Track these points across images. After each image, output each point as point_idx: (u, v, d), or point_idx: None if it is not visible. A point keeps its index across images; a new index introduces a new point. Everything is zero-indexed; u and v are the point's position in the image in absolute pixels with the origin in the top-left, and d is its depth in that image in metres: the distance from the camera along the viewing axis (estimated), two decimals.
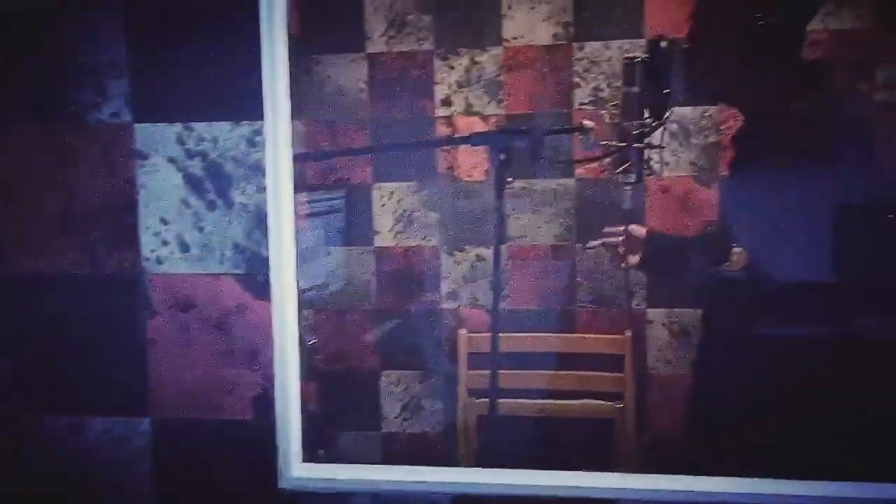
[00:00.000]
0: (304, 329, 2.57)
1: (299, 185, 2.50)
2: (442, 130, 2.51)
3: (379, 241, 2.58)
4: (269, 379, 1.15)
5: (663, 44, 1.67)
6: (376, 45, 2.51)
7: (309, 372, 2.59)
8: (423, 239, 2.56)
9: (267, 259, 1.13)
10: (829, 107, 1.78)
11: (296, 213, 1.15)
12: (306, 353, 2.58)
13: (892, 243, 1.96)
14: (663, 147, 1.71)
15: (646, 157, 1.71)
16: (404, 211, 2.56)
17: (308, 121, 2.55)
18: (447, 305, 2.57)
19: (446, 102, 2.50)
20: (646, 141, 1.68)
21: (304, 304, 2.56)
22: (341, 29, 2.52)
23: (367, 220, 2.57)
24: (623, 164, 1.71)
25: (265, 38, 1.10)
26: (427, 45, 2.49)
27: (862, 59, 2.27)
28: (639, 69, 1.68)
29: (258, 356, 1.14)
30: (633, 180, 1.70)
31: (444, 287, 2.57)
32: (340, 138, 2.54)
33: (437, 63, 2.49)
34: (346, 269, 2.60)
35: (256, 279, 1.14)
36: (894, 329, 2.43)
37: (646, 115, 1.70)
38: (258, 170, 1.11)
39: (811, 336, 1.62)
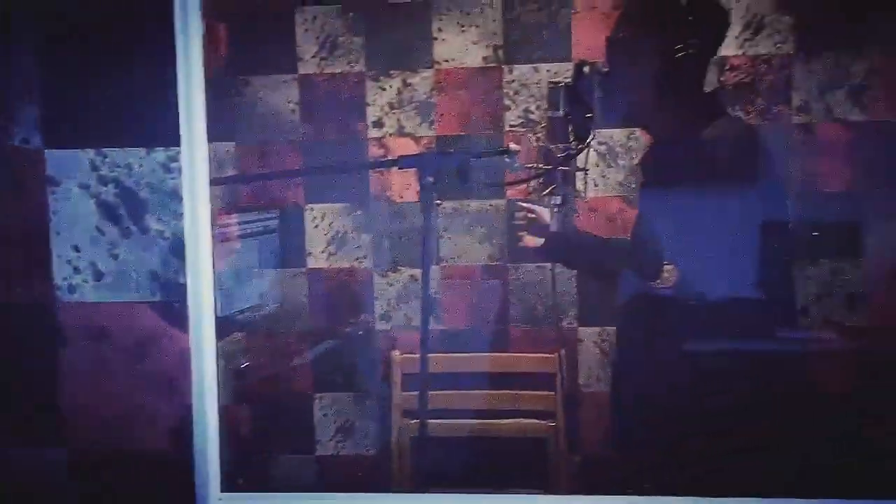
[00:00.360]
0: (237, 352, 2.54)
1: (231, 207, 2.49)
2: (374, 152, 2.51)
3: (312, 263, 2.56)
4: (186, 408, 1.13)
5: (586, 69, 1.70)
6: (308, 66, 2.51)
7: (240, 396, 2.56)
8: (356, 260, 2.55)
9: (184, 286, 1.11)
10: (747, 129, 1.84)
11: (225, 236, 1.14)
12: (237, 376, 2.55)
13: (813, 258, 2.02)
14: (587, 170, 1.73)
15: (572, 179, 1.73)
16: (337, 232, 2.55)
17: (239, 142, 2.53)
18: (381, 327, 2.56)
19: (378, 124, 2.51)
20: (571, 163, 1.71)
21: (236, 326, 2.54)
22: (272, 50, 2.51)
23: (300, 242, 2.55)
24: (549, 187, 1.73)
25: (181, 62, 1.09)
26: (359, 67, 2.50)
27: (779, 84, 2.35)
28: (563, 93, 1.71)
29: (176, 385, 1.12)
30: (559, 202, 1.73)
31: (378, 308, 2.56)
32: (272, 159, 2.53)
33: (369, 84, 2.50)
34: (279, 291, 2.57)
35: (173, 307, 1.12)
36: (813, 341, 2.50)
37: (570, 138, 1.73)
38: (174, 196, 1.10)
39: (736, 350, 1.65)
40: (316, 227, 2.56)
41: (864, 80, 2.32)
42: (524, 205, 1.83)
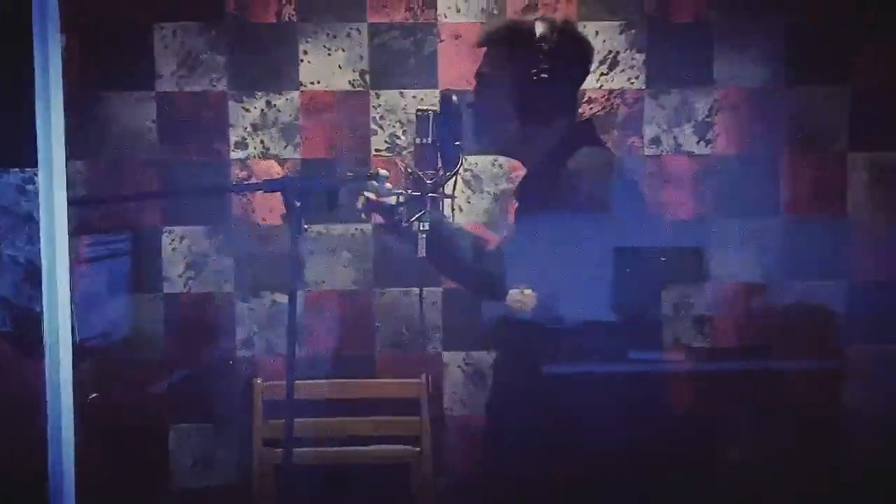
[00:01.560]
0: (85, 382, 2.40)
1: (81, 228, 2.36)
2: (237, 173, 2.45)
3: (168, 288, 2.46)
4: (40, 442, 1.06)
5: (454, 98, 1.73)
6: (167, 83, 2.42)
7: (89, 429, 2.42)
8: (216, 285, 2.47)
9: (39, 315, 1.04)
10: (604, 160, 1.92)
11: (77, 260, 1.08)
12: (85, 409, 2.41)
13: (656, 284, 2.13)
14: (455, 196, 1.76)
15: (440, 206, 1.75)
16: (196, 256, 2.47)
17: (91, 161, 2.40)
18: (242, 353, 2.49)
19: (241, 145, 2.45)
20: (439, 190, 1.73)
21: (85, 354, 2.40)
22: (129, 65, 2.41)
23: (156, 266, 2.45)
24: (417, 213, 1.74)
25: (39, 78, 1.03)
26: (221, 86, 2.44)
27: (632, 117, 2.48)
28: (431, 121, 1.73)
29: (30, 416, 1.05)
30: (427, 228, 1.74)
31: (239, 334, 2.49)
32: (127, 180, 2.42)
33: (232, 105, 2.44)
34: (133, 317, 2.45)
35: (28, 337, 1.05)
36: (666, 362, 2.62)
37: (438, 164, 1.75)
38: (30, 220, 1.03)
39: (594, 373, 1.70)
40: (174, 250, 2.46)
41: (708, 116, 2.48)
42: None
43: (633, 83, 2.47)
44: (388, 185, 1.74)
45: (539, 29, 1.65)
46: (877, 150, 2.48)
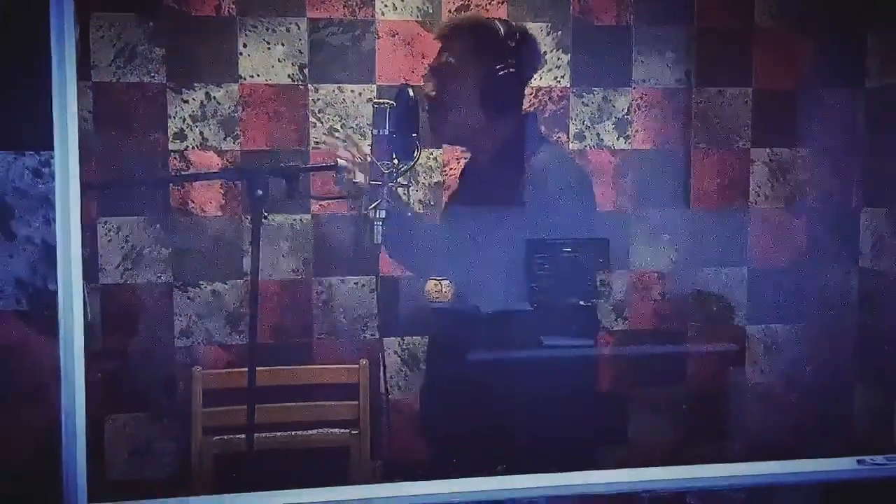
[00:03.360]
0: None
1: None
2: (175, 164, 2.46)
3: (105, 279, 2.45)
4: (53, 419, 1.10)
5: (410, 91, 1.82)
6: (103, 73, 2.41)
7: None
8: (155, 275, 2.48)
9: (54, 294, 1.08)
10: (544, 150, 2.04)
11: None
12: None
13: (570, 273, 2.27)
14: (411, 185, 1.85)
15: (397, 194, 1.84)
16: (133, 247, 2.47)
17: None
18: (181, 342, 2.51)
19: (180, 136, 2.47)
20: (397, 180, 1.82)
21: None
22: None
23: (92, 257, 2.44)
24: (375, 202, 1.82)
25: (55, 64, 1.07)
26: (159, 78, 2.44)
27: (559, 113, 2.63)
28: (388, 113, 1.82)
29: (43, 396, 1.09)
30: (384, 216, 1.82)
31: (178, 324, 2.51)
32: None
33: (171, 96, 2.45)
34: (89, 313, 2.43)
35: (42, 315, 1.09)
36: (577, 347, 2.78)
37: (394, 155, 1.83)
38: (45, 202, 1.08)
39: (511, 357, 1.82)
40: (110, 241, 2.46)
41: (627, 113, 2.66)
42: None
43: (559, 82, 2.63)
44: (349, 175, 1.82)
45: (502, 27, 1.77)
46: (776, 146, 2.72)
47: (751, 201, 2.74)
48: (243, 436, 2.45)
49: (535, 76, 1.93)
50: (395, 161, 1.83)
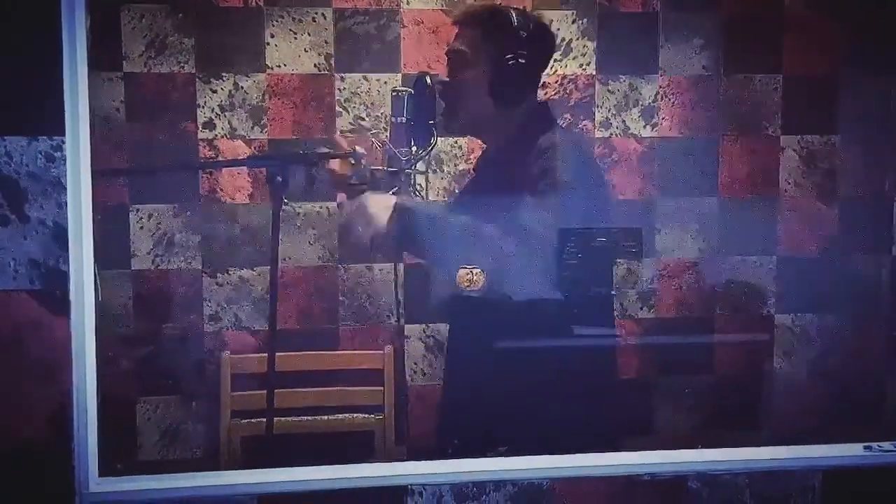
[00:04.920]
0: None
1: None
2: (205, 153, 2.51)
3: (137, 265, 2.52)
4: (66, 396, 1.14)
5: (428, 79, 1.84)
6: (134, 64, 2.47)
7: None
8: (184, 261, 2.54)
9: (66, 274, 1.12)
10: (557, 141, 2.03)
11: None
12: None
13: (601, 263, 2.25)
14: (428, 173, 1.87)
15: (413, 182, 1.86)
16: (164, 233, 2.53)
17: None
18: (209, 328, 2.56)
19: (209, 125, 2.51)
20: (414, 167, 1.84)
21: None
22: (96, 46, 2.44)
23: (125, 243, 2.50)
24: (392, 189, 1.84)
25: (66, 51, 1.11)
26: (188, 68, 2.49)
27: (584, 101, 2.62)
28: (406, 101, 1.83)
29: (55, 373, 1.13)
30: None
31: (206, 310, 2.56)
32: (95, 159, 2.45)
33: (200, 86, 2.50)
34: (101, 293, 2.49)
35: (54, 295, 1.13)
36: (605, 337, 2.77)
37: (412, 143, 1.85)
38: (57, 185, 1.11)
39: (540, 346, 1.82)
40: (141, 228, 2.52)
41: (654, 101, 2.64)
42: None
43: (584, 69, 2.62)
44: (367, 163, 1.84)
45: (516, 16, 1.76)
46: (807, 134, 2.68)
47: (781, 189, 2.71)
48: (270, 419, 2.51)
49: (549, 66, 1.91)
50: (413, 148, 1.85)
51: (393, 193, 1.84)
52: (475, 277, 1.87)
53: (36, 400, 1.15)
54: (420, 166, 1.88)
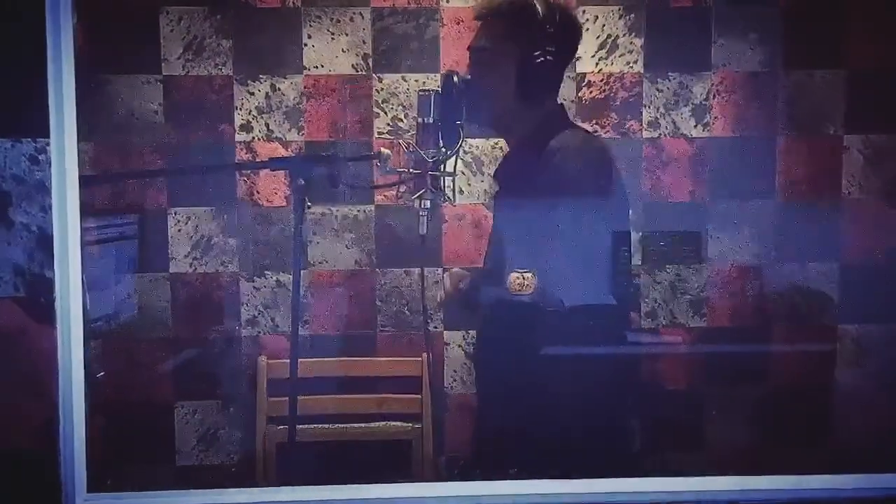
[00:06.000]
0: (93, 361, 2.45)
1: (87, 210, 2.40)
2: (242, 156, 2.49)
3: (174, 268, 2.51)
4: (53, 407, 1.11)
5: (455, 78, 1.76)
6: (173, 67, 2.46)
7: (96, 407, 2.47)
8: (222, 265, 2.52)
9: (51, 281, 1.08)
10: (591, 140, 1.94)
11: (83, 238, 1.12)
12: (92, 387, 2.46)
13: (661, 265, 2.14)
14: (456, 175, 1.79)
15: (441, 184, 1.79)
16: (202, 236, 2.51)
17: (98, 143, 2.45)
18: (246, 332, 2.54)
19: (246, 128, 2.49)
20: (441, 168, 1.77)
21: (93, 334, 2.45)
22: (136, 49, 2.45)
23: (163, 246, 2.49)
24: (418, 191, 1.78)
25: (51, 52, 1.07)
26: (226, 70, 2.47)
27: (631, 100, 2.51)
28: (433, 100, 1.76)
29: (42, 384, 1.10)
30: (428, 206, 1.77)
31: (244, 314, 2.54)
32: (133, 162, 2.46)
33: (237, 88, 2.48)
34: (140, 297, 2.50)
35: (39, 303, 1.09)
36: (660, 344, 2.66)
37: (440, 143, 1.78)
38: (42, 189, 1.08)
39: (592, 355, 1.73)
40: (179, 231, 2.51)
41: (706, 99, 2.51)
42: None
43: (631, 67, 2.51)
44: (393, 164, 1.78)
45: (542, 10, 1.67)
46: (872, 133, 2.51)
47: (843, 192, 2.54)
48: (307, 425, 2.47)
49: (572, 61, 1.81)
50: (443, 149, 1.78)
51: (419, 196, 1.77)
52: (527, 282, 1.80)
53: (22, 412, 1.11)
54: (448, 167, 1.80)
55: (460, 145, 1.76)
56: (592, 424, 1.72)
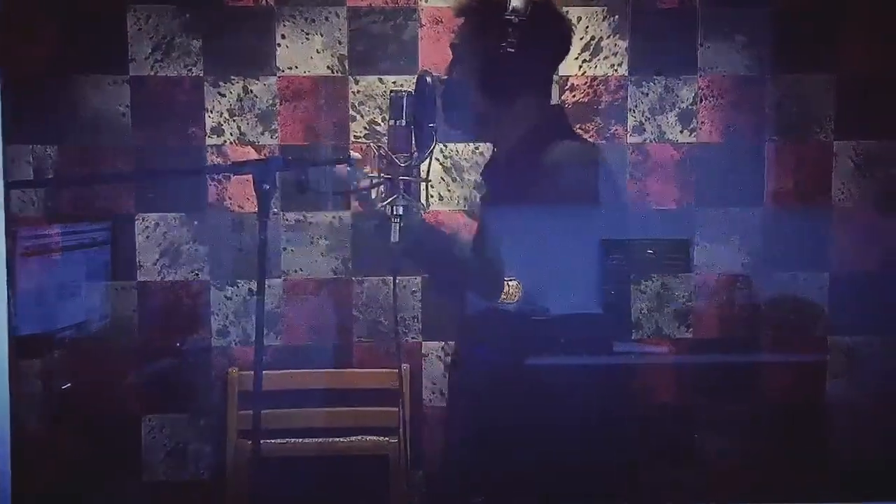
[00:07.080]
0: (58, 372, 2.36)
1: (53, 217, 2.30)
2: (213, 159, 2.40)
3: (142, 276, 2.41)
4: None
5: (428, 78, 1.68)
6: (141, 67, 2.37)
7: (60, 419, 2.38)
8: (192, 273, 2.43)
9: None
10: (587, 147, 1.87)
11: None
12: (57, 398, 2.37)
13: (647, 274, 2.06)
14: (430, 180, 1.71)
15: (414, 189, 1.70)
16: (171, 243, 2.42)
17: (62, 147, 2.35)
18: (217, 343, 2.44)
19: (217, 131, 2.40)
20: (414, 173, 1.68)
21: (59, 344, 2.36)
22: (102, 49, 2.36)
23: (130, 254, 2.40)
24: (390, 197, 1.69)
25: None
26: (196, 71, 2.39)
27: (616, 105, 2.43)
28: (405, 102, 1.68)
29: None
30: (400, 213, 1.69)
31: (214, 324, 2.44)
32: (99, 165, 2.37)
33: (208, 89, 2.39)
34: (106, 306, 2.41)
35: None
36: (646, 354, 2.58)
37: (413, 147, 1.70)
38: None
39: (577, 365, 1.66)
40: (147, 237, 2.41)
41: (692, 104, 2.44)
42: None
43: (615, 70, 2.43)
44: (363, 168, 1.69)
45: (512, 1, 1.59)
46: (863, 139, 2.45)
47: (834, 199, 2.47)
48: (280, 440, 2.39)
49: (562, 61, 1.74)
50: (414, 153, 1.69)
51: (391, 202, 1.69)
52: (512, 290, 1.72)
53: None
54: (422, 172, 1.72)
55: (433, 149, 1.67)
56: (574, 445, 1.64)
